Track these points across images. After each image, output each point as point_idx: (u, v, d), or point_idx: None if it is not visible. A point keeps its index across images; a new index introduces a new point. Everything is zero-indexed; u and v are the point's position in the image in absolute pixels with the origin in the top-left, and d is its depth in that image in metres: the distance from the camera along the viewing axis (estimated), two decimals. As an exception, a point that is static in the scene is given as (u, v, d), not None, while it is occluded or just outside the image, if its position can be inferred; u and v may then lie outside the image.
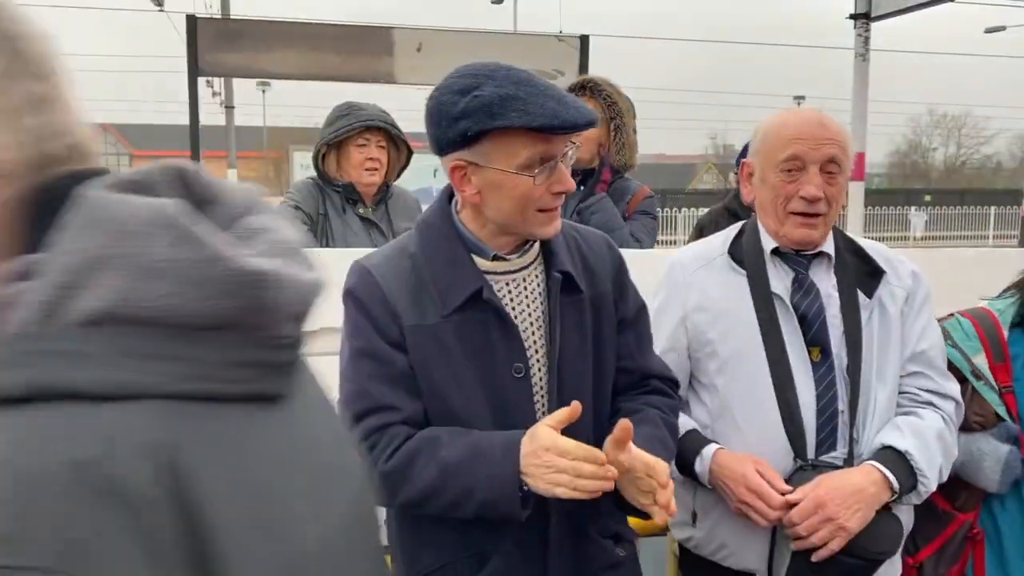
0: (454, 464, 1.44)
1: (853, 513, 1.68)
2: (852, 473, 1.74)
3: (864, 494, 1.70)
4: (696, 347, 1.90)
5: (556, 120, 1.40)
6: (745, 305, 1.85)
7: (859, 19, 5.30)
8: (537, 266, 1.58)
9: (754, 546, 1.82)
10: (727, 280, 1.90)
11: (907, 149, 52.87)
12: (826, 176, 1.80)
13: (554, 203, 1.49)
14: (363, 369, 1.51)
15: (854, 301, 1.84)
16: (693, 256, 1.98)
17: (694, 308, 1.90)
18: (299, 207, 3.09)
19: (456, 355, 1.51)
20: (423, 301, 1.52)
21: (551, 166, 1.46)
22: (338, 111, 3.16)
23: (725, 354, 1.86)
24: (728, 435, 1.85)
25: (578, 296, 1.58)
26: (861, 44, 5.28)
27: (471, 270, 1.53)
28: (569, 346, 1.56)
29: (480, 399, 1.52)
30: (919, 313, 1.88)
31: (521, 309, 1.56)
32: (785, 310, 1.83)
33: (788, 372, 1.80)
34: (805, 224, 1.82)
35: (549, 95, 1.41)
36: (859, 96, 5.30)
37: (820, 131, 1.79)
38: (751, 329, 1.83)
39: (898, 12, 5.12)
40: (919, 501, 1.81)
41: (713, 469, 1.80)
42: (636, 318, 1.70)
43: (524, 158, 1.43)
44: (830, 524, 1.67)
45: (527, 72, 1.46)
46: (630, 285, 1.70)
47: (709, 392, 1.90)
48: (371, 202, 3.18)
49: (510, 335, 1.52)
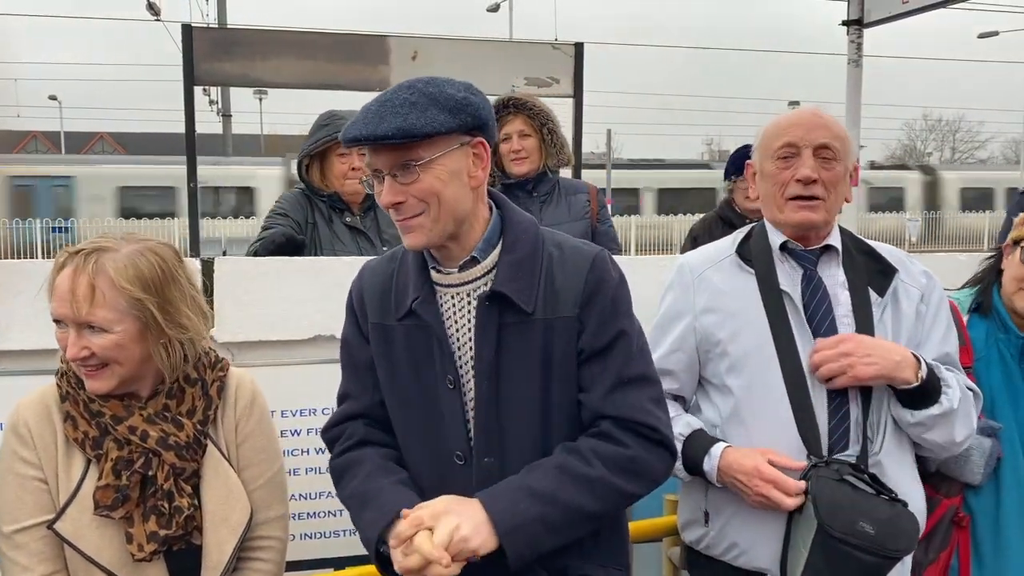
0: (354, 500, 1.62)
1: (870, 364, 1.73)
2: (888, 342, 1.79)
3: (889, 354, 1.75)
4: (706, 347, 1.91)
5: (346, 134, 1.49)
6: (754, 304, 1.86)
7: (852, 25, 5.32)
8: (487, 282, 1.58)
9: (766, 545, 1.82)
10: (736, 279, 1.91)
11: (902, 154, 53.00)
12: (821, 161, 1.84)
13: (395, 216, 1.55)
14: (343, 356, 1.74)
15: (865, 298, 1.85)
16: (702, 257, 2.00)
17: (703, 309, 1.91)
18: (287, 214, 3.10)
19: (401, 358, 1.62)
20: (388, 303, 1.64)
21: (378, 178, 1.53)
22: (320, 121, 3.17)
23: (736, 353, 1.87)
24: (740, 434, 1.86)
25: (526, 318, 1.55)
26: (854, 50, 5.30)
27: (422, 280, 1.60)
28: (507, 366, 1.55)
29: (417, 402, 1.61)
30: (938, 314, 1.91)
31: (461, 324, 1.59)
32: (794, 308, 1.84)
33: (800, 370, 1.80)
34: (804, 207, 1.84)
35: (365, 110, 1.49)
36: (852, 102, 5.32)
37: (813, 119, 1.87)
38: (761, 328, 1.84)
39: (891, 19, 5.13)
40: (939, 411, 1.77)
41: (722, 467, 1.80)
42: (606, 349, 1.57)
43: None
44: (844, 359, 1.73)
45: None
46: (608, 313, 1.58)
47: (720, 392, 1.90)
48: (358, 210, 3.18)
49: (443, 346, 1.57)
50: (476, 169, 1.54)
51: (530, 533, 1.45)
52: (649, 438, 1.55)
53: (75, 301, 1.53)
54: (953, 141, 53.40)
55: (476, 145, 1.54)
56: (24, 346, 2.36)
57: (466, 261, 1.58)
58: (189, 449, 1.64)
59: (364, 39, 5.06)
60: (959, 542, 2.03)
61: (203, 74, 4.78)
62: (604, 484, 1.50)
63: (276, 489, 1.80)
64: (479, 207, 1.59)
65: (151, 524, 1.59)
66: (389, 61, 4.79)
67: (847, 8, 5.40)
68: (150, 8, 20.52)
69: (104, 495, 1.57)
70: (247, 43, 4.81)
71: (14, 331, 2.36)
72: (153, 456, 1.60)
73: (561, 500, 1.48)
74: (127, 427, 1.60)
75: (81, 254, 1.57)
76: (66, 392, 1.62)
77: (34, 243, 22.06)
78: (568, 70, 4.99)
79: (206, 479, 1.67)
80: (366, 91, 4.94)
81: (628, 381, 1.57)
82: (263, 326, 2.52)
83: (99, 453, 1.59)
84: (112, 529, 1.59)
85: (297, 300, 2.56)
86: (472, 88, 1.54)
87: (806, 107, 1.96)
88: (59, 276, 1.57)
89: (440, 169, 1.49)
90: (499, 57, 4.96)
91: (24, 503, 1.58)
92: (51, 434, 1.61)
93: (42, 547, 1.58)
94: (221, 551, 1.66)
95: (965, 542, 2.03)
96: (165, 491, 1.61)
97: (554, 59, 4.98)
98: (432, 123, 1.45)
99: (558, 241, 1.64)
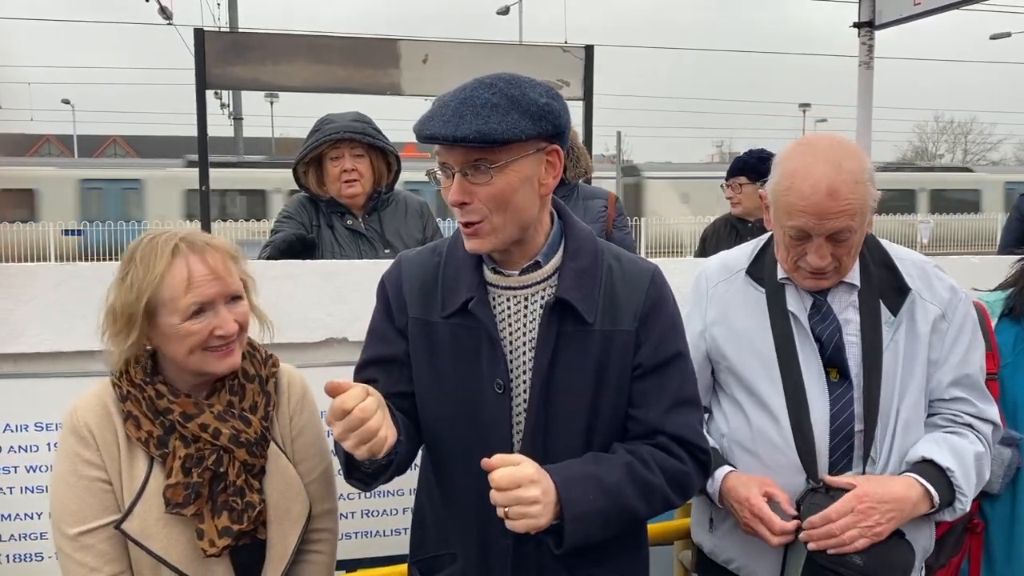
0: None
1: (888, 520, 1.66)
2: (895, 481, 1.72)
3: (903, 504, 1.68)
4: (716, 359, 1.92)
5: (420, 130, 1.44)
6: (762, 324, 1.84)
7: (863, 27, 5.29)
8: (546, 288, 1.57)
9: (765, 563, 1.81)
10: (747, 297, 1.89)
11: (913, 156, 52.71)
12: (834, 242, 1.72)
13: (459, 216, 1.51)
14: (367, 345, 1.68)
15: (876, 322, 1.79)
16: (718, 268, 1.97)
17: (712, 322, 1.91)
18: (292, 217, 3.12)
19: (446, 356, 1.58)
20: (432, 298, 1.60)
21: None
22: (314, 127, 3.17)
23: (740, 372, 1.86)
24: (741, 451, 1.85)
25: (585, 327, 1.55)
26: (865, 52, 5.28)
27: (474, 279, 1.56)
28: (561, 374, 1.54)
29: (458, 403, 1.57)
30: (960, 332, 1.82)
31: (517, 327, 1.57)
32: (801, 329, 1.81)
33: (802, 391, 1.78)
34: (814, 278, 1.79)
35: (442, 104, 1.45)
36: (864, 104, 5.29)
37: (828, 204, 1.66)
38: (767, 348, 1.82)
39: (902, 20, 5.11)
40: (952, 518, 1.79)
41: (722, 491, 1.80)
42: (663, 367, 1.58)
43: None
44: (861, 527, 1.65)
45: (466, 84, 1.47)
46: (667, 331, 1.59)
47: (730, 403, 1.90)
48: (361, 212, 3.17)
49: (495, 349, 1.54)
50: (548, 177, 1.51)
51: (590, 523, 1.45)
52: (699, 459, 1.58)
53: (221, 277, 1.60)
54: (965, 143, 53.11)
55: (551, 152, 1.50)
56: (40, 348, 2.37)
57: (528, 265, 1.56)
58: (257, 445, 1.66)
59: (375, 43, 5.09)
60: (971, 548, 2.02)
61: (215, 78, 4.81)
62: (660, 493, 1.52)
63: (328, 482, 1.83)
64: (544, 214, 1.56)
65: (223, 519, 1.60)
66: (399, 65, 4.81)
67: (858, 10, 5.38)
68: (162, 12, 20.65)
69: (175, 493, 1.58)
70: (259, 47, 4.84)
71: (29, 334, 2.38)
72: (224, 453, 1.63)
73: (622, 499, 1.48)
74: (198, 424, 1.61)
75: (184, 242, 1.60)
76: (127, 392, 1.62)
77: (47, 246, 22.25)
78: (578, 73, 5.00)
79: (268, 473, 1.69)
80: (377, 95, 4.97)
81: (684, 402, 1.59)
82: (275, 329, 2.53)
83: (164, 452, 1.60)
84: (179, 527, 1.60)
85: (308, 303, 2.57)
86: (553, 92, 1.50)
87: (823, 178, 1.67)
88: (179, 266, 1.57)
89: (513, 175, 1.45)
90: (509, 60, 4.96)
91: (89, 505, 1.59)
92: (112, 435, 1.61)
93: (108, 548, 1.59)
94: (285, 544, 1.69)
95: (977, 548, 2.01)
96: (237, 487, 1.63)
97: (564, 62, 4.99)
98: (512, 129, 1.40)
99: (616, 253, 1.64)
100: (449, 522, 1.64)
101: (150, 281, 1.56)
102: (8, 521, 2.19)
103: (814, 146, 1.75)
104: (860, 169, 1.69)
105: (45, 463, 2.18)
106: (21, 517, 2.20)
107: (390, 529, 2.45)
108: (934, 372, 1.82)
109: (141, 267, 1.58)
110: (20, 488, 2.19)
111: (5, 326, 2.37)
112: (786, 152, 1.78)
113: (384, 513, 2.44)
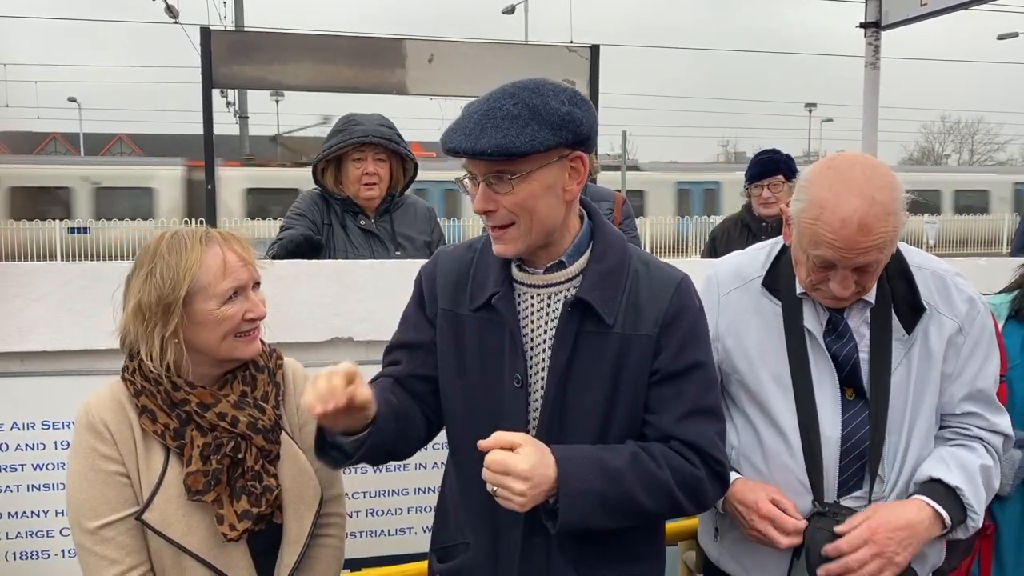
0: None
1: (904, 548, 1.63)
2: (904, 507, 1.69)
3: (916, 529, 1.66)
4: (726, 370, 1.88)
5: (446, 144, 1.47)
6: (776, 338, 1.80)
7: (869, 28, 5.29)
8: (570, 288, 1.59)
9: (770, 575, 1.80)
10: (761, 308, 1.84)
11: (920, 156, 52.56)
12: (859, 273, 1.66)
13: (486, 222, 1.55)
14: (398, 330, 1.75)
15: (886, 339, 1.75)
16: (730, 274, 1.91)
17: (724, 332, 1.86)
18: (304, 214, 3.12)
19: (471, 349, 1.62)
20: (462, 292, 1.65)
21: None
22: (337, 126, 3.19)
23: (753, 388, 1.82)
24: (751, 468, 1.83)
25: (604, 329, 1.56)
26: (871, 53, 5.27)
27: (501, 275, 1.61)
28: (578, 373, 1.56)
29: (479, 396, 1.61)
30: (976, 346, 1.78)
31: (539, 324, 1.59)
32: (817, 347, 1.77)
33: (813, 409, 1.75)
34: (835, 300, 1.74)
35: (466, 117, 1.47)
36: (870, 105, 5.28)
37: (858, 239, 1.58)
38: (780, 363, 1.79)
39: (909, 21, 5.10)
40: (965, 536, 1.77)
41: (727, 495, 1.77)
42: (681, 375, 1.57)
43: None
44: (880, 559, 1.62)
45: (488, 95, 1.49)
46: (688, 339, 1.58)
47: (741, 416, 1.87)
48: (374, 213, 3.20)
49: (515, 344, 1.57)
50: (572, 183, 1.53)
51: (587, 503, 1.45)
52: (714, 469, 1.57)
53: (249, 264, 1.70)
54: (972, 143, 52.94)
55: (574, 159, 1.52)
56: (48, 347, 2.38)
57: (552, 264, 1.59)
58: (273, 432, 1.71)
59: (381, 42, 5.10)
60: (981, 549, 2.01)
61: (221, 77, 4.83)
62: (665, 489, 1.52)
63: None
64: (570, 218, 1.58)
65: (242, 503, 1.65)
66: (405, 64, 4.81)
67: (865, 10, 5.37)
68: (168, 11, 20.68)
69: (195, 480, 1.62)
70: (265, 46, 4.86)
71: (36, 332, 2.39)
72: (242, 440, 1.67)
73: (623, 485, 1.48)
74: (216, 413, 1.65)
75: (212, 233, 1.69)
76: (140, 387, 1.65)
77: (53, 245, 22.31)
78: (584, 73, 5.00)
79: (281, 459, 1.74)
80: (383, 94, 4.97)
81: (701, 411, 1.57)
82: (281, 328, 2.53)
83: (181, 443, 1.64)
84: (197, 516, 1.64)
85: (315, 303, 2.57)
86: (577, 99, 1.51)
87: (854, 214, 1.58)
88: (213, 253, 1.64)
89: (535, 184, 1.47)
90: (515, 60, 4.96)
91: (108, 498, 1.62)
92: (128, 429, 1.65)
93: (128, 540, 1.63)
94: (301, 526, 1.74)
95: (987, 550, 2.00)
96: (255, 472, 1.68)
97: (570, 62, 4.99)
98: (531, 141, 1.42)
99: (644, 259, 1.65)
100: (464, 511, 1.67)
101: (188, 267, 1.61)
102: (15, 519, 2.20)
103: (846, 176, 1.63)
104: (891, 200, 1.60)
105: (52, 461, 2.20)
106: (28, 515, 2.21)
107: (395, 529, 2.45)
108: (947, 386, 1.78)
109: (172, 259, 1.62)
110: (27, 486, 2.20)
111: (13, 324, 2.38)
112: (815, 176, 1.68)
113: (389, 513, 2.45)
